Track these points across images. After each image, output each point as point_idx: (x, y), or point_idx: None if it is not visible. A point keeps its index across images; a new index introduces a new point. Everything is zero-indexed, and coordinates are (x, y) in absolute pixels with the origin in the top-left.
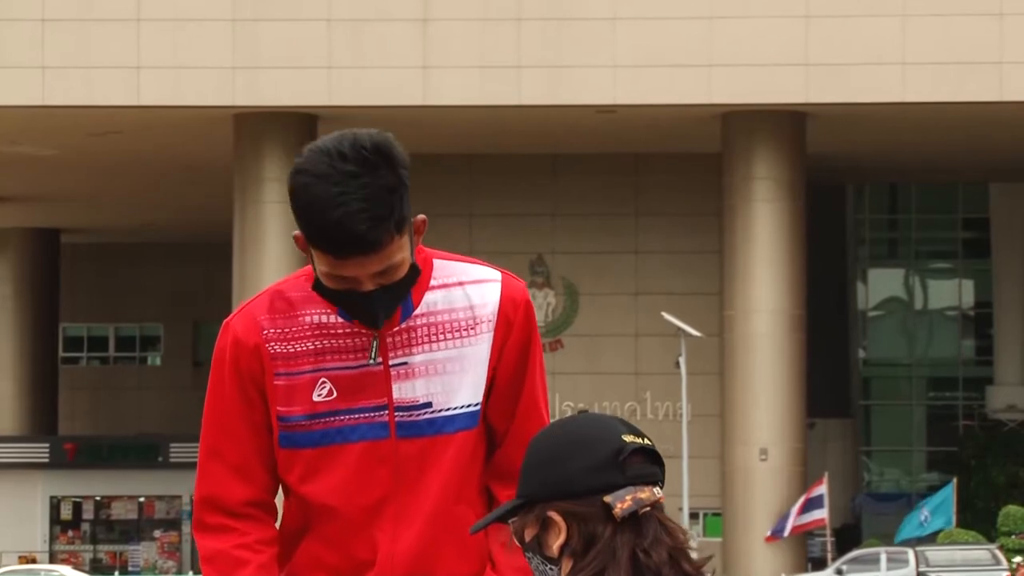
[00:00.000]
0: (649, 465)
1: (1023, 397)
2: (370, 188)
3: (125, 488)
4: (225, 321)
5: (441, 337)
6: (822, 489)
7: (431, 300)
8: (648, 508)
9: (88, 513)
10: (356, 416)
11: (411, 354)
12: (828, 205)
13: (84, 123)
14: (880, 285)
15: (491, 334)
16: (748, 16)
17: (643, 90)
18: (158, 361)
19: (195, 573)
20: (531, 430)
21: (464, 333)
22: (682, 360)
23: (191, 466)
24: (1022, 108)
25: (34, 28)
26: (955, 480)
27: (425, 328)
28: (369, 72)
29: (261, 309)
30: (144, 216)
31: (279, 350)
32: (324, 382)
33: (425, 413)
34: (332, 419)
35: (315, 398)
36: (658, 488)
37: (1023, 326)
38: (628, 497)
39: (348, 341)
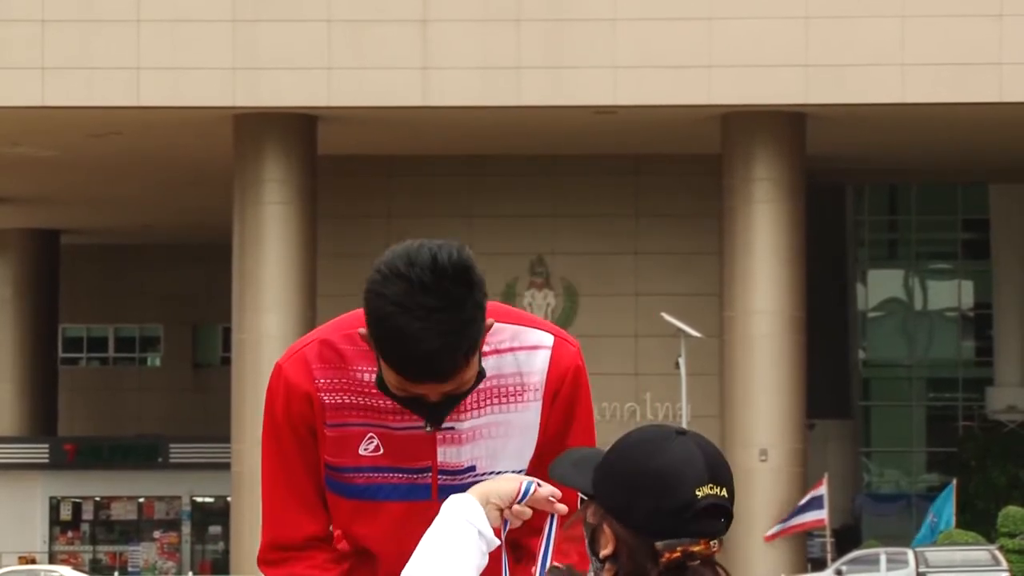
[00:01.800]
0: (716, 519)
1: (1023, 398)
2: (450, 323)
3: (125, 489)
4: (277, 363)
5: (489, 403)
6: (822, 490)
7: (484, 366)
8: (697, 562)
9: (88, 514)
10: (400, 475)
11: (459, 419)
12: (828, 206)
13: (84, 124)
14: (880, 286)
15: (539, 403)
16: (748, 17)
17: (643, 91)
18: (158, 362)
19: (194, 573)
20: None
21: (512, 399)
22: (682, 361)
23: (191, 467)
24: (1022, 109)
25: (34, 29)
26: (955, 481)
27: (475, 394)
28: (369, 73)
29: (313, 356)
30: (144, 217)
31: (329, 400)
32: (372, 438)
33: (468, 477)
34: (375, 475)
35: (361, 451)
36: (716, 541)
37: (1023, 327)
38: (680, 548)
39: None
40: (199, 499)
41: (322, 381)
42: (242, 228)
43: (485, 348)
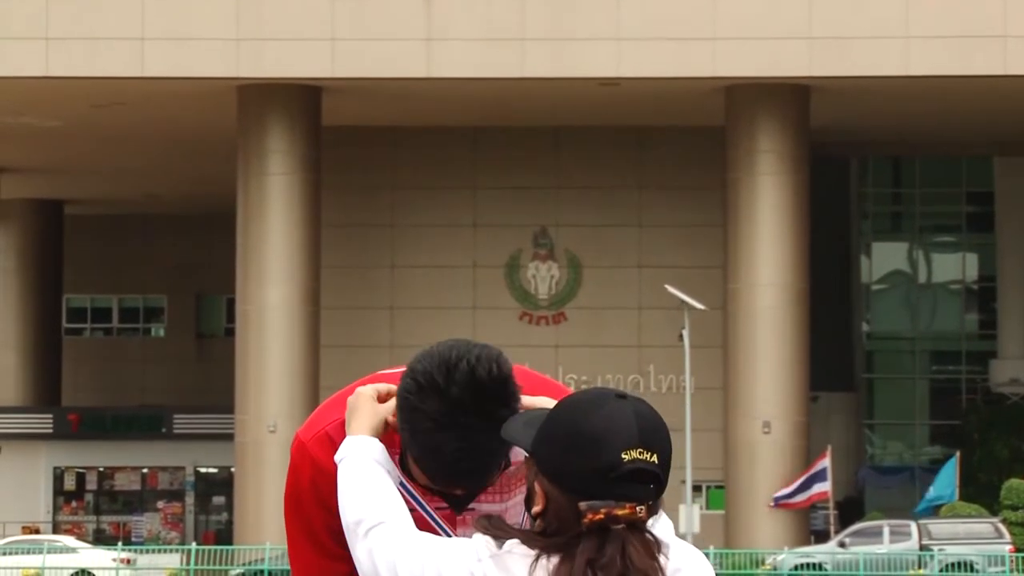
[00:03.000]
0: (642, 485)
1: None
2: (489, 444)
3: (128, 459)
4: (300, 439)
5: (508, 488)
6: (825, 462)
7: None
8: (621, 526)
9: (91, 484)
10: None
11: (480, 501)
12: (832, 179)
13: (88, 95)
14: (884, 259)
15: None
16: None
17: (647, 63)
18: (161, 332)
19: (197, 544)
20: None
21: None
22: (685, 333)
23: (194, 437)
24: None
25: (38, 0)
26: (958, 454)
27: (500, 480)
28: (373, 44)
29: (337, 436)
30: (148, 188)
31: None
32: None
33: None
34: None
35: None
36: (642, 507)
37: None
38: (603, 510)
39: (415, 496)
40: (203, 469)
41: None
42: (246, 199)
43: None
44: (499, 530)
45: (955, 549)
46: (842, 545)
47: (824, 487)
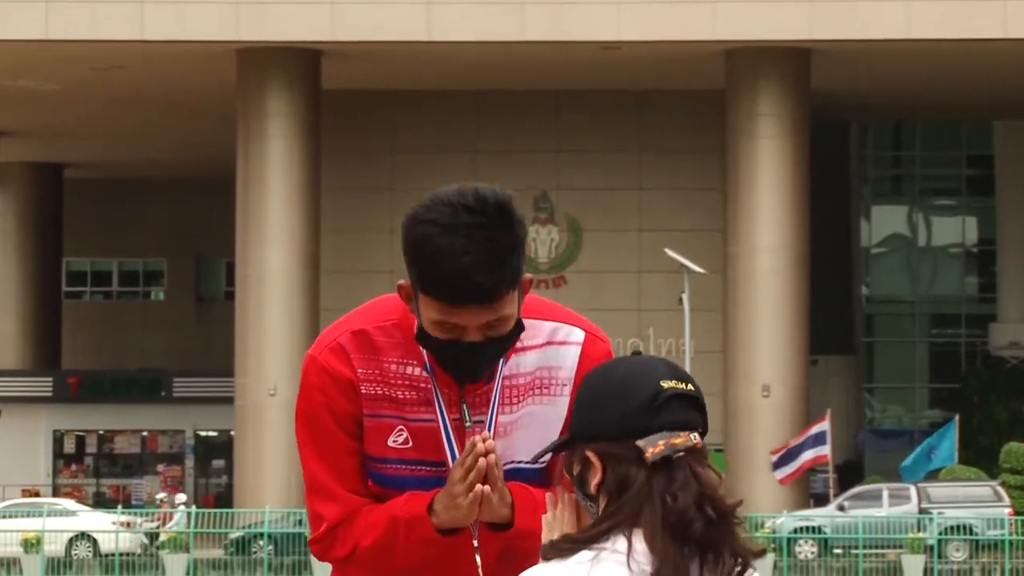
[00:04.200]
0: (688, 411)
1: None
2: (493, 243)
3: (128, 422)
4: (310, 355)
5: (520, 399)
6: (824, 426)
7: (514, 363)
8: (682, 453)
9: (91, 447)
10: (427, 468)
11: (491, 415)
12: (832, 142)
13: (87, 58)
14: (883, 222)
15: (567, 398)
16: None
17: (647, 26)
18: (161, 296)
19: (197, 507)
20: None
21: (541, 392)
22: (685, 297)
23: (194, 400)
24: None
25: None
26: (957, 417)
27: (508, 391)
28: (373, 7)
29: (352, 345)
30: (148, 151)
31: (365, 391)
32: (401, 430)
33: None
34: (402, 467)
35: (389, 443)
36: (695, 434)
37: None
38: (661, 442)
39: (430, 395)
40: (202, 433)
41: (360, 371)
42: (246, 162)
43: (517, 344)
44: (566, 543)
45: (954, 512)
46: (841, 508)
47: (823, 451)
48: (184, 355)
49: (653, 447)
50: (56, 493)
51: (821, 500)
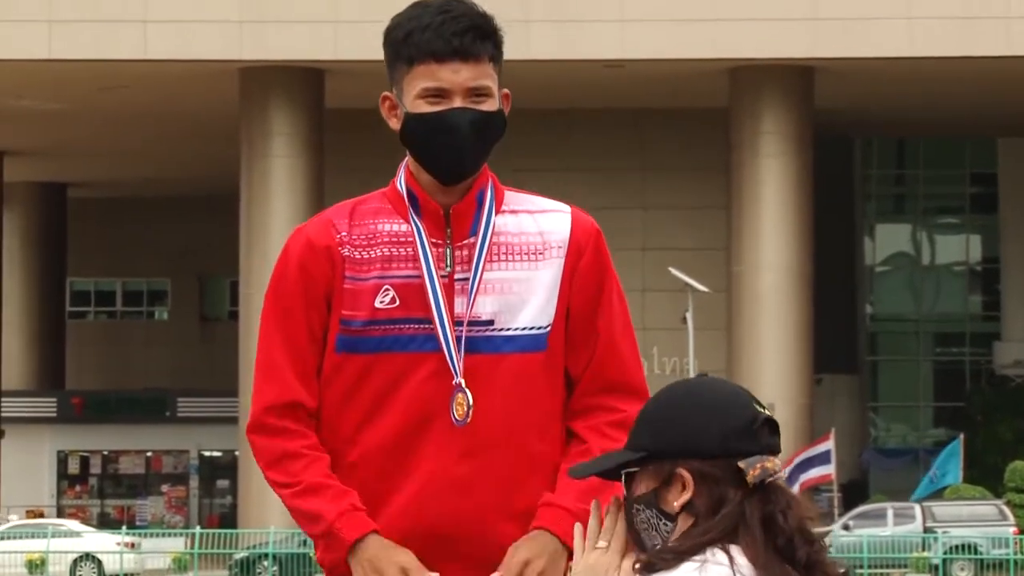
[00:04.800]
0: (775, 436)
1: None
2: (470, 11)
3: (132, 443)
4: (297, 228)
5: (508, 258)
6: (829, 444)
7: (501, 223)
8: (773, 477)
9: (96, 468)
10: (415, 326)
11: (476, 270)
12: (835, 160)
13: (91, 77)
14: (887, 240)
15: (562, 260)
16: None
17: (651, 45)
18: (165, 316)
19: (201, 527)
20: (612, 373)
21: (533, 256)
22: (689, 315)
23: (198, 420)
24: None
25: None
26: (962, 436)
27: (495, 248)
28: (376, 26)
29: (337, 214)
30: (151, 170)
31: (349, 254)
32: (388, 289)
33: (485, 331)
34: (391, 327)
35: (377, 304)
36: (778, 459)
37: None
38: (758, 465)
39: (419, 252)
40: (207, 453)
41: (343, 235)
42: (249, 181)
43: (504, 207)
44: (669, 554)
45: (959, 532)
46: (846, 528)
47: (827, 470)
48: (188, 375)
49: (753, 469)
50: (60, 514)
51: (826, 519)
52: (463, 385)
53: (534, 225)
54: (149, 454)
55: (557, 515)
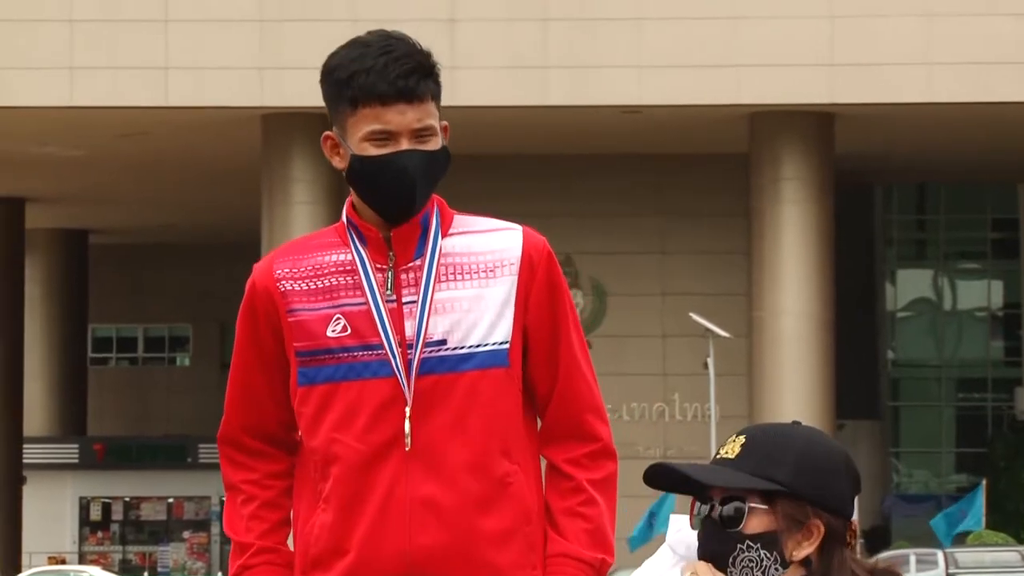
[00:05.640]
0: None
1: None
2: (411, 50)
3: (154, 489)
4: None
5: (458, 277)
6: None
7: (450, 244)
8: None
9: (117, 514)
10: (369, 353)
11: (425, 292)
12: (856, 206)
13: (112, 124)
14: (908, 286)
15: (514, 277)
16: (774, 16)
17: (669, 91)
18: (187, 362)
19: (223, 574)
20: (577, 390)
21: (483, 274)
22: (710, 361)
23: (219, 467)
24: None
25: (62, 29)
26: (984, 482)
27: (443, 268)
28: None
29: (278, 252)
30: (173, 217)
31: (291, 287)
32: (339, 318)
33: (439, 351)
34: (345, 355)
35: (329, 333)
36: None
37: None
38: (852, 523)
39: (363, 278)
40: None
41: (283, 271)
42: (270, 228)
43: (452, 230)
44: None
45: None
46: None
47: None
48: (209, 421)
49: (854, 532)
50: (82, 560)
51: None
52: (408, 412)
53: (484, 244)
54: (171, 500)
55: (575, 569)
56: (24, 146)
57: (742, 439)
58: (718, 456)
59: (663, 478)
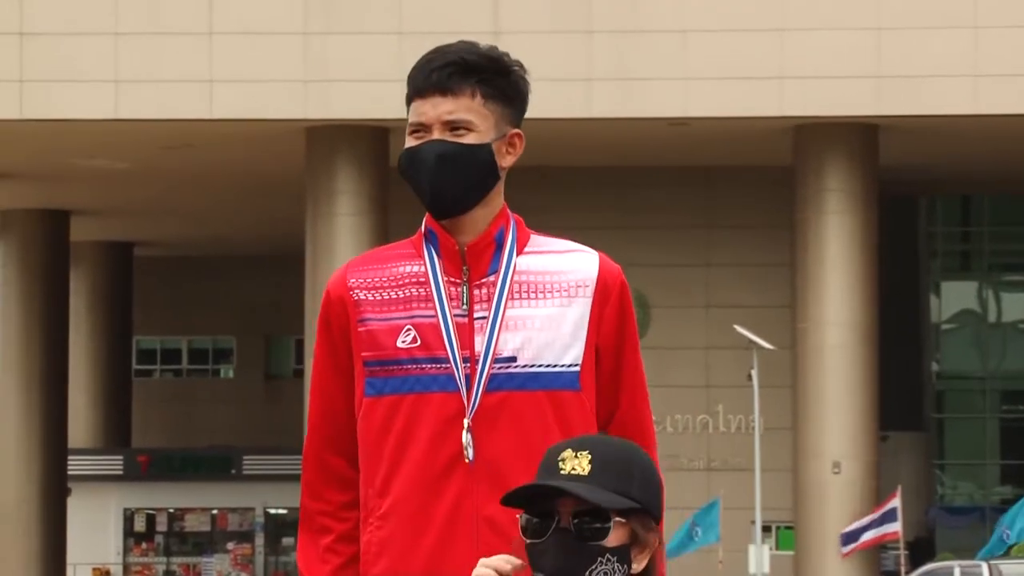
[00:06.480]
0: None
1: None
2: (470, 48)
3: (198, 500)
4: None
5: (532, 296)
6: (895, 502)
7: (525, 262)
8: None
9: (162, 525)
10: (436, 366)
11: (497, 308)
12: (900, 217)
13: (157, 136)
14: (953, 298)
15: (589, 300)
16: (819, 28)
17: (715, 103)
18: (231, 374)
19: None
20: (638, 420)
21: (558, 294)
22: (754, 373)
23: (264, 478)
24: None
25: (107, 42)
26: None
27: (517, 286)
28: None
29: (353, 262)
30: (217, 229)
31: (364, 297)
32: (409, 329)
33: (508, 367)
34: (412, 366)
35: (399, 344)
36: None
37: None
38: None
39: (433, 291)
40: (272, 510)
41: (356, 280)
42: (314, 240)
43: (528, 248)
44: None
45: None
46: None
47: (894, 527)
48: (253, 432)
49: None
50: (126, 572)
51: None
52: (467, 424)
53: (560, 265)
54: (215, 512)
55: None
56: (70, 159)
57: (587, 455)
58: (562, 471)
59: (519, 492)
